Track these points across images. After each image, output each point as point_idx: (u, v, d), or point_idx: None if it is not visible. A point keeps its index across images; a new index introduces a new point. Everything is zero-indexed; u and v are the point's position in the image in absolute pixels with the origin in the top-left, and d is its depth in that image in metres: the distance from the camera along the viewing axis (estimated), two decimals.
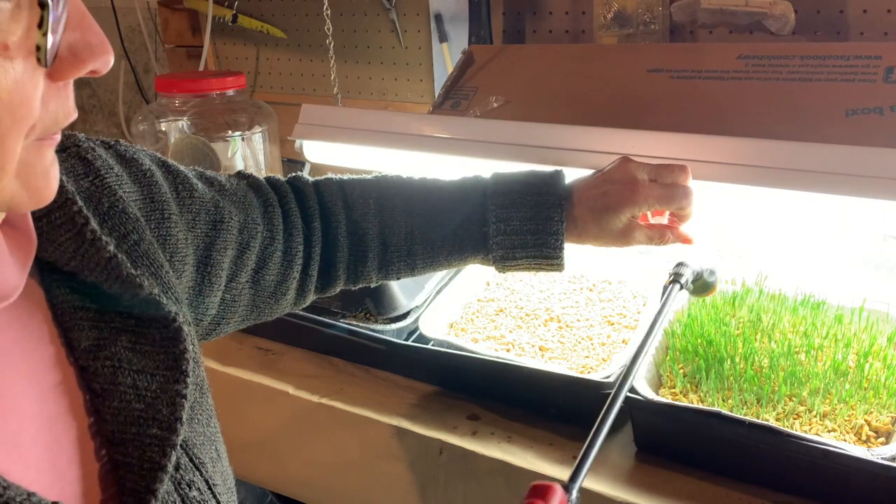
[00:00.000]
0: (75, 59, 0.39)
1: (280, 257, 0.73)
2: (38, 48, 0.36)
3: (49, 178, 0.42)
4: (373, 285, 0.82)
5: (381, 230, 0.78)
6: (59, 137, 0.42)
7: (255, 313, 0.73)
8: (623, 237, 0.77)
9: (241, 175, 0.76)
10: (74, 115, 0.42)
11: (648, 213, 0.82)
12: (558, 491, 0.50)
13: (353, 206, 0.78)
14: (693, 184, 0.79)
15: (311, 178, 0.80)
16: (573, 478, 0.54)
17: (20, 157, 0.39)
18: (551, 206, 0.75)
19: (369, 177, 0.81)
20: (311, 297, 0.79)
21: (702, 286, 0.78)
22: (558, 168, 0.79)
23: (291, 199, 0.77)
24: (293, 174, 0.80)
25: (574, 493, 0.52)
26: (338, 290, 0.80)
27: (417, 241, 0.78)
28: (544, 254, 0.76)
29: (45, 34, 0.35)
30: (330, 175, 0.81)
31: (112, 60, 0.41)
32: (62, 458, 0.45)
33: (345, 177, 0.81)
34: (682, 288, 0.75)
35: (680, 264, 0.77)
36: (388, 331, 1.04)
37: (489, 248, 0.76)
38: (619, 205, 0.75)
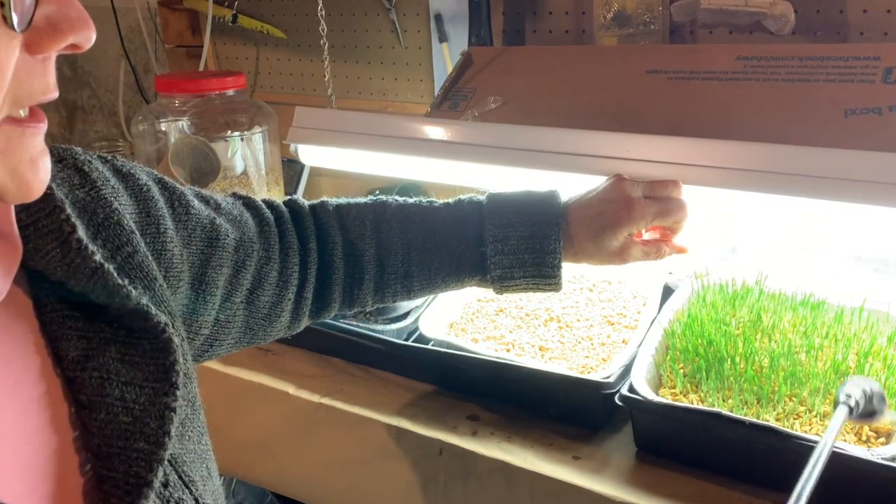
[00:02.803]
0: (53, 30, 0.38)
1: (276, 277, 0.73)
2: (1, 5, 0.35)
3: (37, 169, 0.41)
4: (368, 309, 0.81)
5: (378, 252, 0.78)
6: (44, 125, 0.41)
7: (248, 335, 0.73)
8: (620, 255, 0.77)
9: (237, 195, 0.75)
10: (54, 94, 0.40)
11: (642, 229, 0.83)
12: None
13: (349, 227, 0.78)
14: (692, 188, 0.79)
15: (307, 201, 0.80)
16: None
17: (2, 142, 0.38)
18: (548, 224, 0.75)
19: (365, 199, 0.81)
20: (305, 321, 0.78)
21: (868, 412, 0.69)
22: (553, 188, 0.79)
23: (288, 219, 0.76)
24: (290, 197, 0.80)
25: None
26: (333, 313, 0.80)
27: (415, 263, 0.78)
28: (542, 273, 0.76)
29: None
30: (325, 198, 0.81)
31: (94, 36, 0.40)
32: (40, 471, 0.44)
33: (341, 199, 0.81)
34: (851, 413, 0.67)
35: (850, 384, 0.68)
36: (388, 331, 1.04)
37: (487, 268, 0.76)
38: (616, 224, 0.76)
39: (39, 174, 0.41)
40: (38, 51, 0.38)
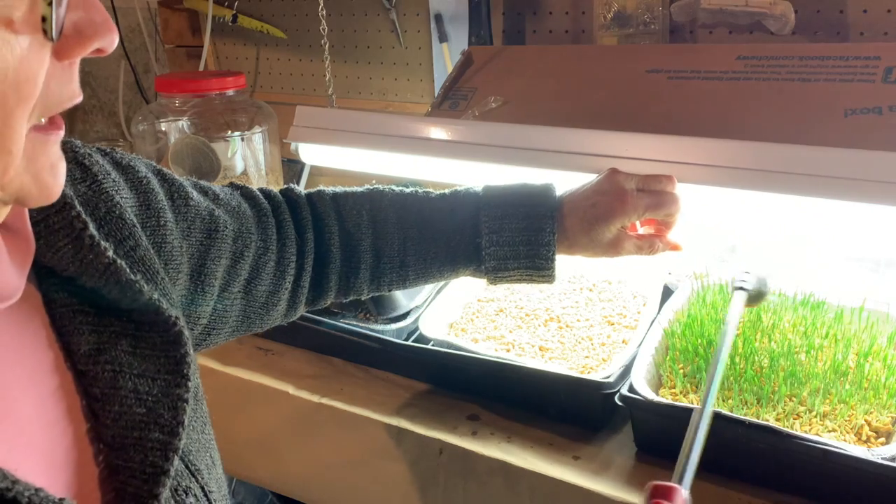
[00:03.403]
0: (80, 36, 0.39)
1: (273, 267, 0.73)
2: (43, 20, 0.36)
3: (56, 174, 0.42)
4: (363, 297, 0.81)
5: (374, 241, 0.78)
6: (62, 133, 0.42)
7: (245, 324, 0.73)
8: (613, 248, 0.78)
9: (234, 186, 0.76)
10: (79, 98, 0.41)
11: (637, 224, 0.83)
12: (680, 492, 0.54)
13: (346, 217, 0.78)
14: (692, 187, 0.80)
15: (303, 191, 0.80)
16: (681, 478, 0.57)
17: (28, 149, 0.39)
18: (543, 217, 0.76)
19: (362, 189, 0.81)
20: (301, 310, 0.79)
21: (757, 295, 0.79)
22: (548, 182, 0.79)
23: (285, 209, 0.76)
24: (286, 186, 0.80)
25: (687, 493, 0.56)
26: (328, 302, 0.80)
27: (410, 252, 0.78)
28: (536, 265, 0.76)
29: (49, 4, 0.35)
30: (322, 187, 0.81)
31: (117, 39, 0.41)
32: (58, 461, 0.45)
33: (337, 189, 0.81)
34: (747, 296, 0.76)
35: (745, 272, 0.78)
36: (388, 331, 1.04)
37: (482, 259, 0.77)
38: (609, 215, 0.76)
39: (58, 178, 0.42)
40: (66, 56, 0.39)
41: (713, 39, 1.12)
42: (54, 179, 0.41)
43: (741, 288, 0.76)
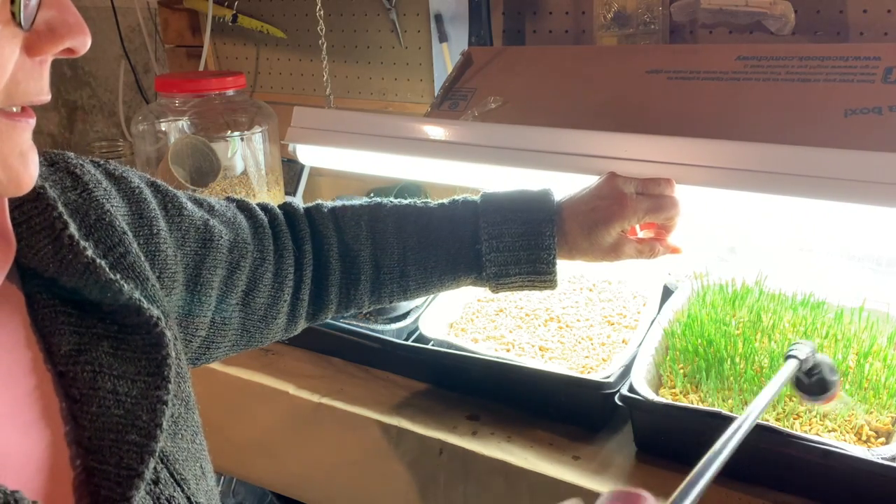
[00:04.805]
0: (52, 34, 0.40)
1: (270, 279, 0.73)
2: (12, 2, 0.36)
3: (27, 162, 0.42)
4: (364, 310, 0.81)
5: (374, 252, 0.78)
6: (33, 121, 0.42)
7: (245, 337, 0.73)
8: (613, 251, 0.78)
9: (230, 198, 0.76)
10: (47, 97, 0.42)
11: (637, 227, 0.83)
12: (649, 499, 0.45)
13: (344, 228, 0.78)
14: (692, 188, 0.80)
15: (301, 204, 0.80)
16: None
17: None
18: (542, 222, 0.76)
19: (359, 201, 0.81)
20: (301, 324, 0.79)
21: (820, 383, 0.67)
22: (546, 187, 0.79)
23: (282, 221, 0.76)
24: (284, 201, 0.81)
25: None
26: (329, 315, 0.80)
27: (410, 262, 0.78)
28: (537, 269, 0.76)
29: None
30: (320, 201, 0.81)
31: (89, 42, 0.41)
32: (32, 464, 0.44)
33: (335, 202, 0.81)
34: (800, 367, 0.66)
35: (798, 344, 0.68)
36: (388, 331, 1.04)
37: (482, 265, 0.77)
38: (609, 219, 0.76)
39: (29, 167, 0.42)
40: (37, 53, 0.40)
41: (713, 39, 1.12)
42: (24, 167, 0.42)
43: (793, 356, 0.66)
